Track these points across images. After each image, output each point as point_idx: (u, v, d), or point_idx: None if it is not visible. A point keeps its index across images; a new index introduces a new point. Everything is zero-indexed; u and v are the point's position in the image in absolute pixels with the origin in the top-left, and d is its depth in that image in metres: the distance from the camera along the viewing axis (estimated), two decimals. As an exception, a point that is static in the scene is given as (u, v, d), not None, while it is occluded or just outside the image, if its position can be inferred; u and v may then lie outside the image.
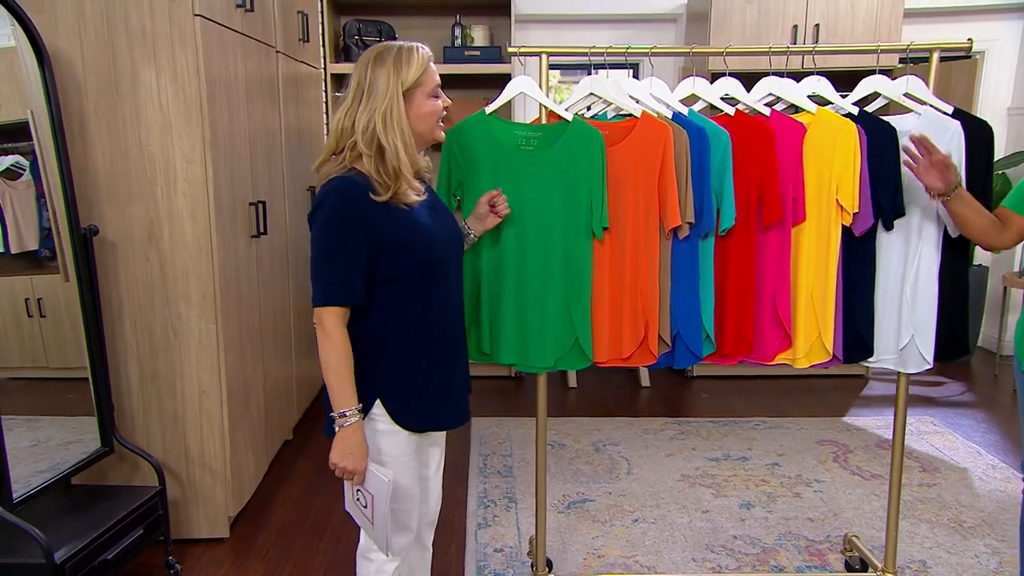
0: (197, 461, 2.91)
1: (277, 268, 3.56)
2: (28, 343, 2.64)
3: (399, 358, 1.89)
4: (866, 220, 2.26)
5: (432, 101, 1.85)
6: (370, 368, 1.86)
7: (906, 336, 2.31)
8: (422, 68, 1.82)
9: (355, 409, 1.79)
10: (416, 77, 1.80)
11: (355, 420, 1.79)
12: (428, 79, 1.84)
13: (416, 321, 1.89)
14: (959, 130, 2.19)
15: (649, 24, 5.42)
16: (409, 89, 1.81)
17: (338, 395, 1.79)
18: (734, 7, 4.67)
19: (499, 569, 2.81)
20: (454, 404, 2.01)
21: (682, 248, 2.27)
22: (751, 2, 4.67)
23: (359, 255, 1.78)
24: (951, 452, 3.88)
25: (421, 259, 1.85)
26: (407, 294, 1.86)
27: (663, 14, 5.31)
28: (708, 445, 3.95)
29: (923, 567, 2.83)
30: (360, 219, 1.78)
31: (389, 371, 1.88)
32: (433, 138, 1.91)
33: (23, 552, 2.25)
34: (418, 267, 1.85)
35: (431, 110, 1.85)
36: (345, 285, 1.77)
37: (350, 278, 1.77)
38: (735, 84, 2.31)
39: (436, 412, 1.96)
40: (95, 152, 2.68)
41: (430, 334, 1.91)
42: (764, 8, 4.67)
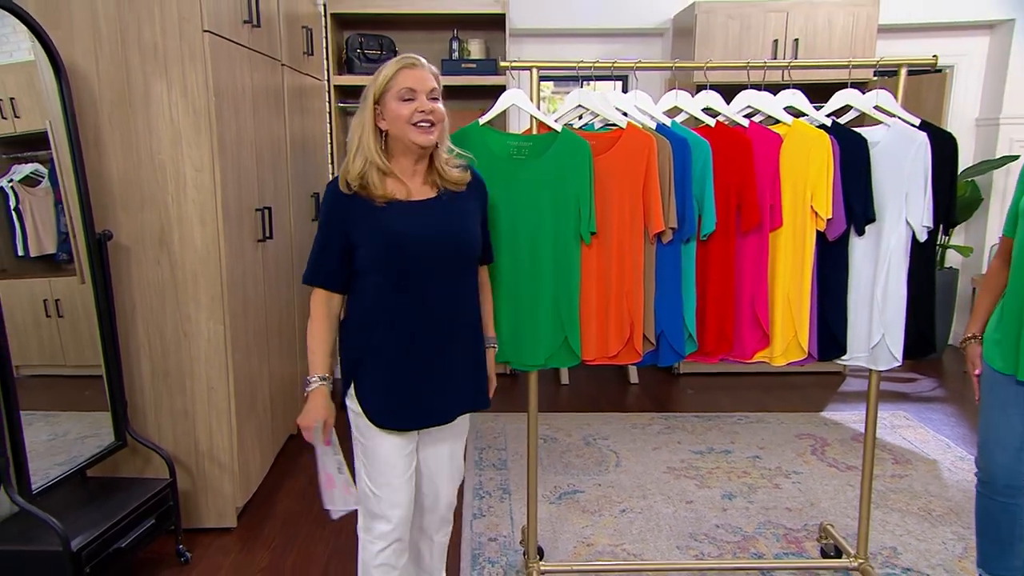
0: (206, 454, 2.92)
1: (282, 271, 3.57)
2: (47, 342, 2.64)
3: (365, 347, 1.94)
4: (839, 226, 2.27)
5: (401, 103, 1.81)
6: (347, 349, 1.96)
7: (877, 335, 2.32)
8: (392, 71, 1.82)
9: (317, 377, 1.93)
10: (385, 81, 1.82)
11: (316, 386, 1.92)
12: (396, 81, 1.81)
13: (380, 313, 1.91)
14: (925, 141, 2.21)
15: (637, 38, 5.42)
16: (381, 95, 1.83)
17: (309, 362, 1.93)
18: (717, 23, 4.69)
19: (493, 557, 2.81)
20: (415, 405, 1.95)
21: (665, 252, 2.27)
22: (733, 18, 4.68)
23: (335, 245, 1.89)
24: (922, 445, 3.89)
25: (380, 251, 1.86)
26: (374, 286, 1.90)
27: (651, 29, 5.31)
28: (693, 439, 3.95)
29: (894, 553, 2.85)
30: (336, 214, 1.89)
31: (358, 356, 1.95)
32: (411, 140, 1.84)
33: (42, 540, 2.26)
34: (381, 259, 1.87)
35: (399, 113, 1.81)
36: (319, 269, 1.93)
37: (325, 264, 1.92)
38: (715, 97, 2.32)
39: (388, 407, 1.94)
40: (109, 161, 2.69)
41: (394, 329, 1.91)
42: (746, 24, 4.69)
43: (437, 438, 2.10)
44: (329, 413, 1.93)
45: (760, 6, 4.70)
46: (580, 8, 5.24)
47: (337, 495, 1.98)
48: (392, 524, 1.97)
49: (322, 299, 1.93)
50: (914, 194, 2.23)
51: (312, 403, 1.92)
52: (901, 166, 2.23)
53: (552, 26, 5.28)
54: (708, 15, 4.69)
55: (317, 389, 1.92)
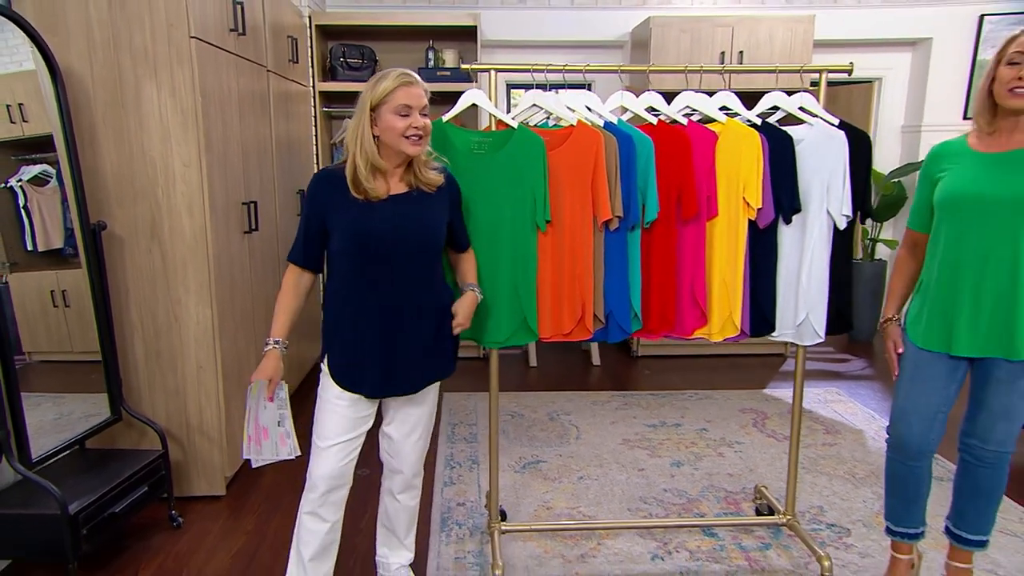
0: (196, 428, 2.92)
1: (268, 260, 3.55)
2: (54, 330, 2.64)
3: (336, 322, 2.00)
4: (768, 215, 2.30)
5: (396, 118, 1.86)
6: (326, 324, 2.02)
7: (802, 314, 2.35)
8: (390, 87, 1.86)
9: (272, 341, 1.97)
10: (383, 94, 1.86)
11: (270, 348, 1.96)
12: (395, 97, 1.86)
13: (352, 297, 1.96)
14: (843, 139, 2.25)
15: (599, 49, 5.46)
16: (378, 105, 1.87)
17: (271, 326, 1.98)
18: (671, 36, 4.72)
19: (461, 520, 2.83)
20: (380, 376, 2.00)
21: (613, 239, 2.29)
22: (685, 31, 4.71)
23: (309, 226, 1.97)
24: (851, 417, 3.96)
25: (350, 243, 1.93)
26: (346, 270, 1.97)
27: (611, 41, 5.35)
28: (647, 414, 3.99)
29: (820, 511, 2.91)
30: (314, 200, 1.96)
31: (332, 331, 2.01)
32: (401, 150, 1.90)
33: (42, 505, 2.27)
34: (349, 249, 1.94)
35: (393, 126, 1.86)
36: (295, 247, 2.02)
37: (300, 242, 2.00)
38: (658, 98, 2.34)
39: (357, 377, 2.00)
40: (103, 157, 2.68)
41: (363, 309, 1.96)
42: (696, 37, 4.72)
43: (405, 408, 2.13)
44: (276, 373, 1.96)
45: (708, 21, 4.75)
46: (546, 21, 5.27)
47: (267, 446, 2.00)
48: (311, 480, 2.03)
49: (293, 274, 2.01)
50: (834, 186, 2.27)
51: (265, 362, 1.95)
52: (823, 161, 2.27)
53: (520, 37, 5.30)
54: (662, 29, 4.72)
55: (271, 351, 1.96)
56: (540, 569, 2.49)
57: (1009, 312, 1.99)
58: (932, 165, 2.15)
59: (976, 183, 2.00)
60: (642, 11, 5.19)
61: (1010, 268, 1.98)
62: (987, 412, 2.10)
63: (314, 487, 2.02)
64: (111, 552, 2.60)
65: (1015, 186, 1.95)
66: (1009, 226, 1.96)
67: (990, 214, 1.98)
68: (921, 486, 2.25)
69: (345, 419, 2.00)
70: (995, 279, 1.99)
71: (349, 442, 2.02)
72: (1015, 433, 2.10)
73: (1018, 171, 1.96)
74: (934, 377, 2.14)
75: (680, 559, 2.56)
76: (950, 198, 2.04)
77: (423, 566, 2.50)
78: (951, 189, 2.04)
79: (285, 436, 2.00)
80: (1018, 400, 2.06)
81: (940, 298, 2.08)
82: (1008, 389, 2.05)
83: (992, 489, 2.17)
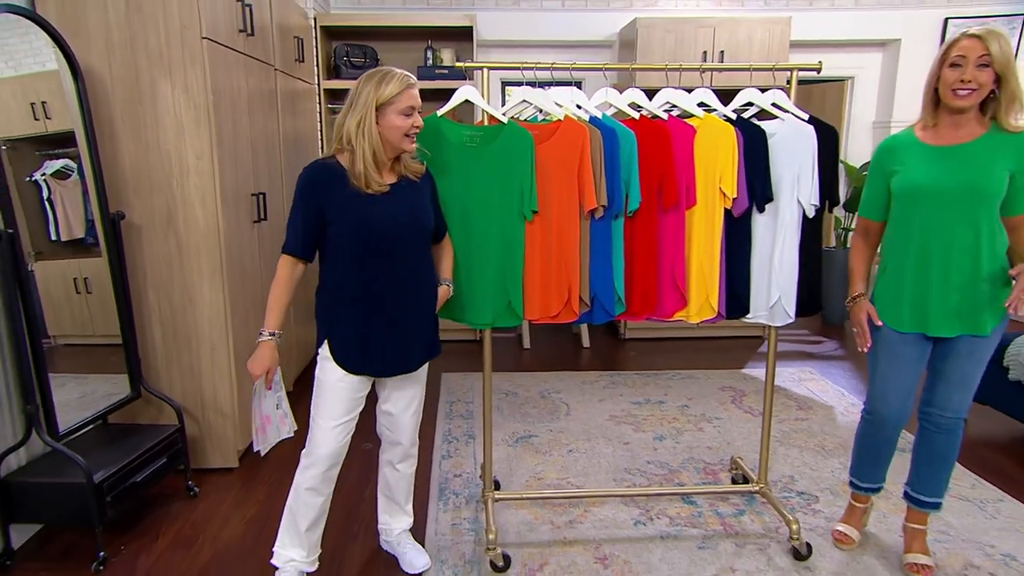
0: (211, 405, 2.96)
1: (276, 248, 3.46)
2: (78, 315, 2.66)
3: (339, 309, 1.99)
4: (743, 204, 2.31)
5: (401, 118, 1.90)
6: (324, 310, 2.00)
7: (774, 296, 2.37)
8: (397, 89, 1.89)
9: (268, 332, 1.96)
10: (390, 96, 1.88)
11: (267, 339, 1.95)
12: (401, 100, 1.89)
13: (353, 284, 1.96)
14: (812, 133, 2.28)
15: (589, 48, 5.48)
16: (383, 105, 1.88)
17: (265, 318, 1.95)
18: (656, 36, 4.74)
19: (457, 489, 2.88)
20: (382, 358, 2.02)
21: (598, 226, 2.30)
22: (669, 32, 4.74)
23: (306, 219, 1.92)
24: (822, 394, 4.01)
25: (353, 234, 1.92)
26: (346, 261, 1.95)
27: (600, 41, 5.37)
28: (633, 392, 4.03)
29: (791, 480, 2.97)
30: (311, 193, 1.92)
31: (333, 317, 1.99)
32: (401, 148, 1.95)
33: (70, 474, 2.31)
34: (351, 240, 1.93)
35: (397, 125, 1.90)
36: (290, 238, 1.97)
37: (296, 234, 1.95)
38: (640, 94, 2.36)
39: (362, 360, 2.01)
40: (122, 151, 2.70)
41: (364, 297, 1.97)
42: (679, 38, 4.75)
43: (401, 385, 2.18)
44: (274, 364, 1.97)
45: (691, 22, 4.77)
46: (539, 22, 5.29)
47: (271, 431, 2.03)
48: (312, 458, 2.06)
49: (288, 265, 1.96)
50: (804, 177, 2.29)
51: (261, 352, 1.95)
52: (793, 154, 2.29)
53: (514, 37, 5.31)
54: (648, 29, 4.74)
55: (267, 342, 1.95)
56: (531, 534, 2.55)
57: (974, 293, 2.07)
58: (884, 158, 2.22)
59: (934, 176, 2.08)
60: (629, 12, 5.22)
61: (973, 252, 2.06)
62: (946, 383, 2.18)
63: (315, 464, 2.05)
64: (133, 518, 2.66)
65: (968, 177, 2.03)
66: (968, 214, 2.04)
67: (949, 204, 2.05)
68: (890, 451, 2.36)
69: (347, 400, 2.03)
70: (960, 263, 2.07)
71: (349, 422, 2.06)
72: (969, 402, 2.19)
73: (969, 163, 2.04)
74: (909, 358, 2.22)
75: (661, 525, 2.61)
76: (911, 190, 2.11)
77: (422, 531, 2.55)
78: (911, 182, 2.11)
79: (283, 416, 2.05)
80: (972, 370, 2.15)
81: (912, 283, 2.14)
82: (966, 361, 2.14)
83: (947, 454, 2.25)
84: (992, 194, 2.02)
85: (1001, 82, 2.00)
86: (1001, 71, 1.98)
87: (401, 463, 2.29)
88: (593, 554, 2.43)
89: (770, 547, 2.46)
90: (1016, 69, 2.00)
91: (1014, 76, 1.99)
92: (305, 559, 2.14)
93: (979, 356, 2.13)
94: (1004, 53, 1.98)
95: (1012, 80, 1.99)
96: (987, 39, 1.98)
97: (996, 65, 1.97)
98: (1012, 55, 1.99)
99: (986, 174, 2.02)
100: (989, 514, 2.70)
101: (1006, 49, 1.98)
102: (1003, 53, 1.97)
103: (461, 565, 2.36)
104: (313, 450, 2.05)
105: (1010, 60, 1.98)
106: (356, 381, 2.03)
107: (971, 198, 2.02)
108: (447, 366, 4.42)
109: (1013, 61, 1.99)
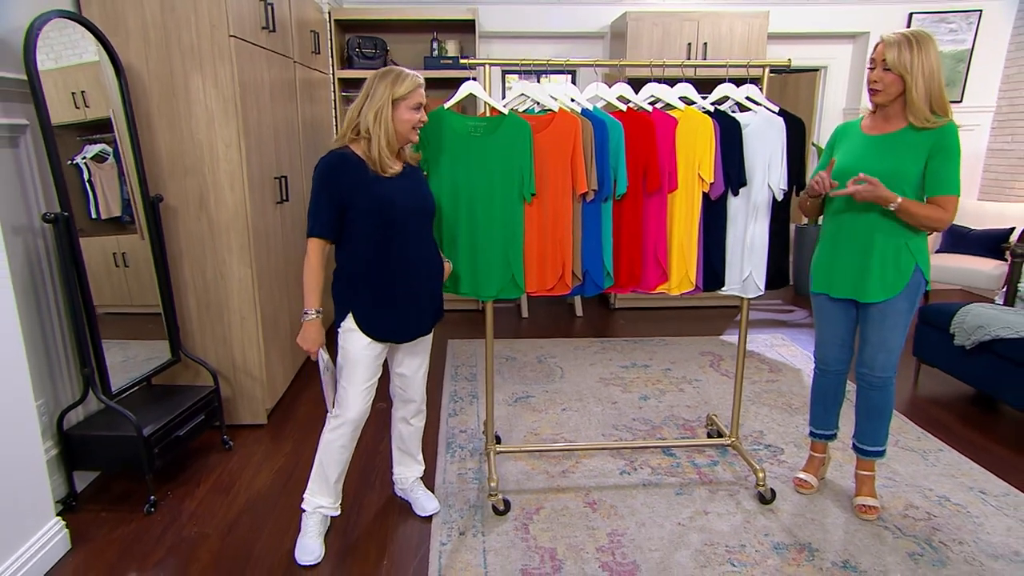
0: (241, 369, 3.04)
1: (297, 226, 3.62)
2: (116, 287, 2.71)
3: (362, 284, 2.04)
4: (719, 188, 2.38)
5: (412, 112, 1.99)
6: (346, 287, 2.06)
7: (746, 271, 2.45)
8: (410, 88, 1.97)
9: (312, 311, 2.01)
10: (404, 93, 1.97)
11: (312, 317, 2.01)
12: (412, 97, 1.98)
13: (376, 260, 2.02)
14: (782, 124, 2.34)
15: (584, 40, 5.47)
16: (397, 100, 1.97)
17: (305, 299, 2.01)
18: (644, 28, 4.75)
19: (463, 444, 2.96)
20: (403, 325, 2.11)
21: (589, 208, 2.34)
22: (657, 25, 4.75)
23: (332, 203, 1.96)
24: (792, 358, 4.10)
25: (377, 214, 1.98)
26: (370, 239, 2.00)
27: (594, 32, 5.37)
28: (621, 357, 4.10)
29: (760, 435, 3.07)
30: (334, 179, 1.96)
31: (356, 292, 2.05)
32: (408, 139, 2.04)
33: (122, 428, 2.41)
34: (375, 220, 1.98)
35: (409, 119, 1.99)
36: (319, 222, 1.98)
37: (324, 218, 1.97)
38: (627, 88, 2.41)
39: (387, 328, 2.09)
40: (159, 140, 2.75)
41: (386, 272, 2.03)
42: (666, 30, 4.75)
43: (413, 350, 2.27)
44: (322, 337, 2.04)
45: (677, 16, 4.78)
46: (537, 15, 5.28)
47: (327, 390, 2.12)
48: (343, 419, 2.13)
49: (317, 247, 2.00)
50: (774, 164, 2.36)
51: (311, 330, 2.01)
52: (764, 143, 2.35)
53: (514, 29, 5.31)
54: (637, 22, 4.75)
55: (314, 320, 2.02)
56: (528, 483, 2.64)
57: (882, 264, 2.20)
58: (833, 139, 2.35)
59: (861, 159, 2.19)
60: (620, 6, 5.22)
61: (884, 229, 2.18)
62: (870, 345, 2.30)
63: (345, 424, 2.13)
64: (177, 468, 2.77)
65: (888, 163, 2.13)
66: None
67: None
68: (836, 396, 2.50)
69: (372, 366, 2.11)
70: (872, 238, 2.19)
71: (373, 385, 2.15)
72: (894, 361, 2.30)
73: (892, 151, 2.14)
74: (839, 316, 2.39)
75: (643, 474, 2.71)
76: (843, 171, 2.21)
77: (432, 480, 2.65)
78: (842, 164, 2.24)
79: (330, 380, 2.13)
80: (889, 333, 2.26)
81: (836, 255, 2.30)
82: (881, 325, 2.26)
83: (882, 408, 2.37)
84: (904, 180, 2.12)
85: (905, 86, 2.07)
86: (902, 76, 2.06)
87: (414, 418, 2.40)
88: (583, 499, 2.53)
89: (739, 493, 2.58)
90: (925, 74, 2.04)
91: (917, 82, 2.04)
92: (332, 505, 2.25)
93: (892, 320, 2.24)
94: (901, 61, 2.04)
95: (914, 86, 2.05)
96: (888, 46, 2.06)
97: (895, 71, 2.06)
98: (918, 62, 2.03)
99: (900, 162, 2.12)
100: (930, 462, 2.84)
101: (905, 57, 2.03)
102: (900, 61, 2.04)
103: (466, 509, 2.46)
104: (344, 412, 2.13)
105: (910, 67, 2.03)
106: (378, 348, 2.11)
107: (886, 182, 2.11)
108: (452, 333, 4.49)
109: (919, 67, 2.03)
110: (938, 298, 5.39)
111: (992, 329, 3.14)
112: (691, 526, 2.37)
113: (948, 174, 2.09)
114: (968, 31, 5.39)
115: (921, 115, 2.08)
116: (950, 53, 5.44)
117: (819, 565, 2.16)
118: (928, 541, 2.29)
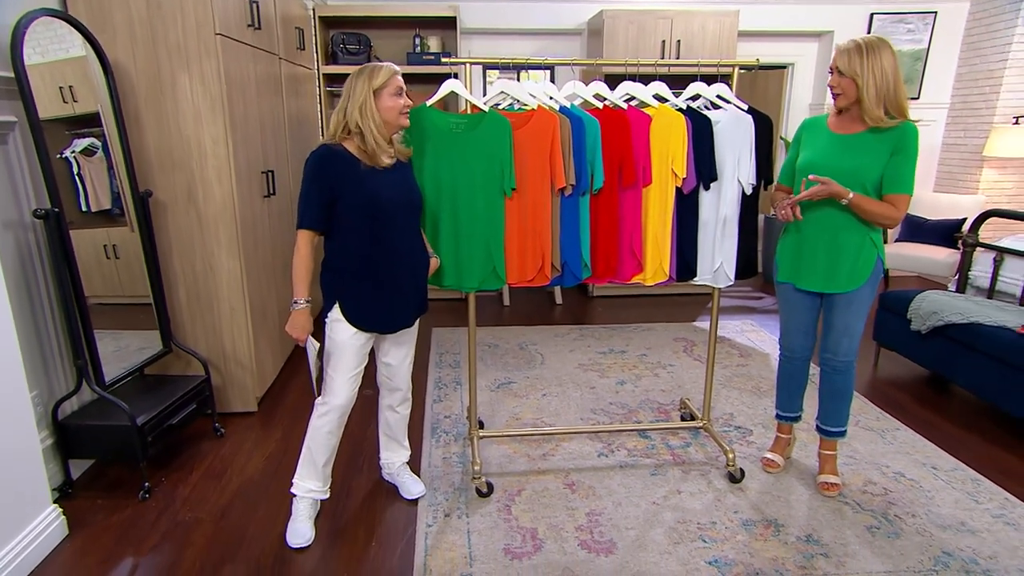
0: (231, 358, 3.03)
1: (284, 219, 3.60)
2: (107, 278, 2.68)
3: (350, 276, 2.04)
4: (691, 183, 2.39)
5: (394, 99, 1.99)
6: (334, 278, 2.06)
7: (717, 262, 2.47)
8: (386, 76, 1.97)
9: (301, 300, 2.00)
10: (381, 82, 1.97)
11: (301, 306, 2.01)
12: (391, 84, 1.98)
13: (364, 252, 2.02)
14: (751, 121, 2.36)
15: (562, 36, 5.46)
16: (377, 90, 1.96)
17: (294, 288, 2.00)
18: (620, 26, 4.75)
19: (447, 428, 2.98)
20: (388, 316, 2.11)
21: (567, 202, 2.34)
22: (632, 22, 4.75)
23: (321, 196, 1.95)
24: (761, 343, 4.16)
25: (366, 208, 1.97)
26: (358, 232, 2.00)
27: (571, 29, 5.36)
28: (599, 343, 4.12)
29: (731, 417, 3.13)
30: (324, 172, 1.95)
31: (343, 283, 2.05)
32: (399, 124, 2.03)
33: (115, 418, 2.40)
34: (363, 213, 1.98)
35: (393, 105, 1.99)
36: (308, 215, 1.97)
37: (313, 211, 1.96)
38: (603, 86, 2.41)
39: (372, 319, 2.09)
40: (147, 136, 2.72)
41: (373, 264, 2.03)
42: (641, 28, 4.76)
43: (399, 340, 2.28)
44: (310, 325, 2.04)
45: (651, 14, 4.78)
46: (516, 12, 5.25)
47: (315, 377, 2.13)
48: (330, 406, 2.14)
49: (306, 239, 1.98)
50: (743, 160, 2.38)
51: (300, 318, 2.01)
52: (734, 139, 2.37)
53: (494, 26, 5.28)
54: (613, 19, 4.75)
55: (303, 309, 2.01)
56: (510, 465, 2.67)
57: (843, 257, 2.24)
58: (801, 133, 2.38)
59: (826, 157, 2.22)
60: (596, 4, 5.21)
61: (846, 224, 2.22)
62: (833, 331, 2.36)
63: (332, 411, 2.13)
64: (170, 455, 2.76)
65: (852, 161, 2.17)
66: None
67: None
68: (800, 381, 2.56)
69: (358, 355, 2.12)
70: (835, 233, 2.24)
71: (359, 374, 2.15)
72: (855, 346, 2.36)
73: (855, 150, 2.18)
74: (803, 305, 2.42)
75: (620, 456, 2.75)
76: (807, 167, 2.25)
77: (417, 464, 2.66)
78: (808, 159, 2.27)
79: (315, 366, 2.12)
80: (852, 320, 2.31)
81: (800, 247, 2.34)
82: (845, 312, 2.31)
83: (844, 391, 2.44)
84: (866, 177, 2.16)
85: (858, 89, 2.11)
86: (855, 81, 2.10)
87: (400, 405, 2.41)
88: (563, 481, 2.56)
89: (711, 472, 2.63)
90: (876, 78, 2.07)
91: (868, 85, 2.07)
92: (321, 489, 2.26)
93: (856, 308, 2.30)
94: (851, 67, 2.08)
95: (865, 90, 2.09)
96: (840, 54, 2.11)
97: (848, 76, 2.10)
98: (868, 67, 2.06)
99: (862, 161, 2.16)
100: (888, 441, 2.92)
101: (855, 62, 2.07)
102: (850, 67, 2.08)
103: (451, 492, 2.48)
104: (330, 399, 2.13)
105: (861, 71, 2.07)
106: (364, 338, 2.11)
107: (848, 180, 2.17)
108: (437, 322, 4.49)
109: (869, 72, 2.06)
110: (896, 285, 5.50)
111: (945, 315, 3.22)
112: (665, 505, 2.41)
113: (904, 174, 2.14)
114: (924, 31, 5.47)
115: (874, 116, 2.11)
116: (908, 52, 5.52)
117: (784, 540, 2.22)
118: (884, 515, 2.36)
